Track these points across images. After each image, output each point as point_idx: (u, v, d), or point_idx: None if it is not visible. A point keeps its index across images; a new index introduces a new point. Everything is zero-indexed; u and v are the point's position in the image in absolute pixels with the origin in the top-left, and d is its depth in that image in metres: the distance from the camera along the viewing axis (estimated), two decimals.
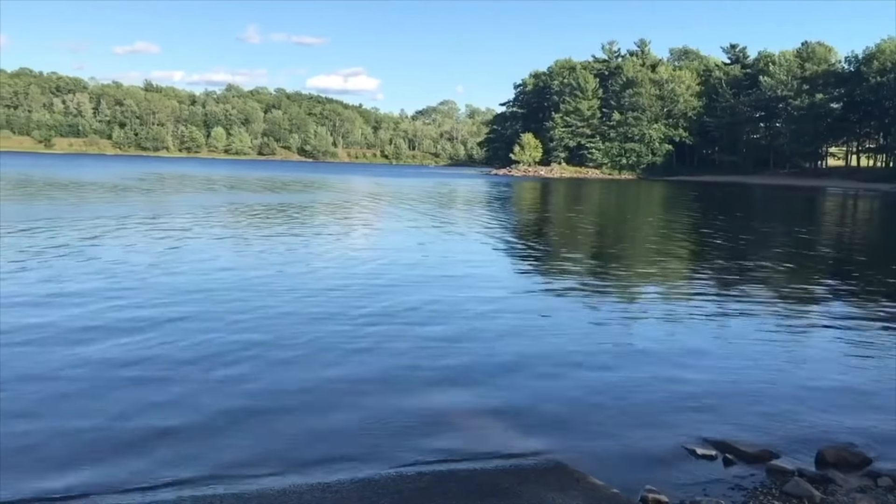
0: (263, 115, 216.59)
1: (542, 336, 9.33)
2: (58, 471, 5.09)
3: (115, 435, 5.72)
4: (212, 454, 5.43)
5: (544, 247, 20.82)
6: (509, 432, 6.04)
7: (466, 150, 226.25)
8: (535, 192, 62.73)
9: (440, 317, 10.21)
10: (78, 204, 29.73)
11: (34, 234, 18.09)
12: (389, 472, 5.21)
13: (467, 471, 5.28)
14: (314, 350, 8.25)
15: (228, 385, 6.97)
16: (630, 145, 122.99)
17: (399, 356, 8.13)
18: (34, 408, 6.22)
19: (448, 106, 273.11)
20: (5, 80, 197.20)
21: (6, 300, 10.20)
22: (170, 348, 8.09)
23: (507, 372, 7.70)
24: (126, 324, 9.13)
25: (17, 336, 8.34)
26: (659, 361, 8.31)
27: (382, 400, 6.68)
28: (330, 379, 7.23)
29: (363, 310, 10.41)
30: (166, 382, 6.97)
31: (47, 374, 7.08)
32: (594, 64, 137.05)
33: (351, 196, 43.79)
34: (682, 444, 5.85)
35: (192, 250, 16.25)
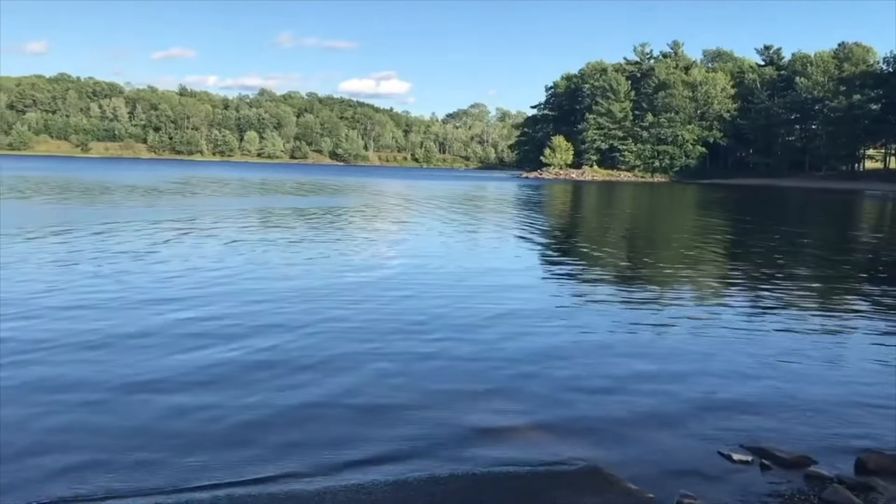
0: (296, 119, 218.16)
1: (573, 341, 9.28)
2: (95, 471, 5.17)
3: (153, 436, 5.80)
4: (247, 455, 5.48)
5: (576, 251, 20.72)
6: (543, 437, 6.01)
7: (497, 153, 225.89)
8: (567, 195, 62.44)
9: (471, 322, 10.20)
10: (133, 207, 30.27)
11: (110, 236, 18.45)
12: (423, 474, 5.22)
13: (501, 474, 5.26)
14: (348, 354, 8.28)
15: (261, 388, 7.02)
16: (663, 147, 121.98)
17: (428, 361, 8.13)
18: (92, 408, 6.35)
19: (479, 109, 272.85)
20: (44, 85, 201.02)
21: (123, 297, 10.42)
22: (213, 351, 8.18)
23: (539, 378, 7.66)
24: (176, 328, 9.27)
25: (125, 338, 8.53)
26: (693, 366, 8.23)
27: (416, 404, 6.68)
28: (364, 383, 7.25)
29: (399, 316, 10.45)
30: (202, 385, 7.06)
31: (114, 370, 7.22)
32: (626, 66, 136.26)
33: (384, 200, 43.93)
34: (718, 450, 5.78)
35: (257, 256, 16.47)
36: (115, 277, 12.65)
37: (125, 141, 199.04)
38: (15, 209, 27.89)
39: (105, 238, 18.39)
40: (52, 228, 20.13)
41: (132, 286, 11.87)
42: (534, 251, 19.71)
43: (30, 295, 10.90)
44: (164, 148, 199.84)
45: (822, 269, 17.76)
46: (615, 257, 18.89)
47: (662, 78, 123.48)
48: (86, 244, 17.09)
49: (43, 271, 13.13)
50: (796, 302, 12.51)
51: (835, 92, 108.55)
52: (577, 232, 27.41)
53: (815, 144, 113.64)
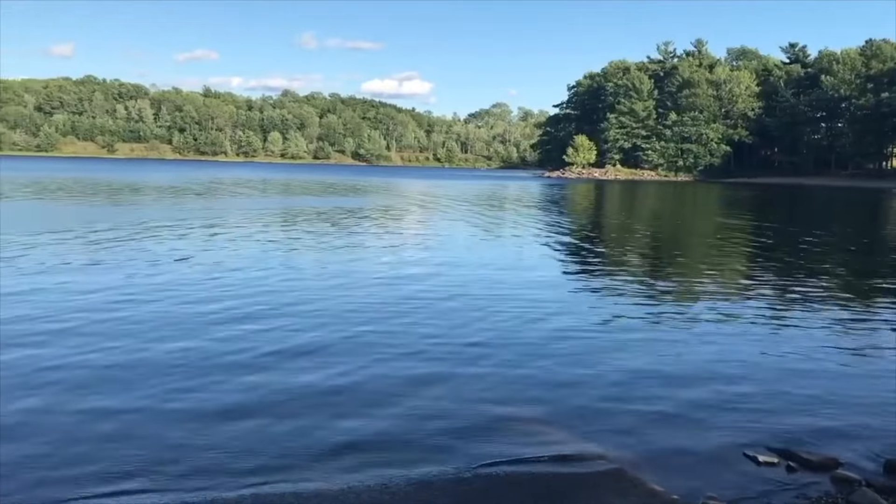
0: (319, 119, 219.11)
1: (598, 342, 9.25)
2: (123, 466, 5.25)
3: (180, 433, 5.87)
4: (272, 453, 5.52)
5: (600, 251, 20.62)
6: (566, 437, 6.00)
7: (519, 152, 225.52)
8: (590, 194, 62.17)
9: (494, 322, 10.20)
10: (166, 208, 30.61)
11: (151, 237, 18.70)
12: (447, 473, 5.23)
13: (524, 474, 5.27)
14: (373, 353, 8.32)
15: (287, 386, 7.08)
16: (687, 146, 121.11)
17: (452, 359, 8.15)
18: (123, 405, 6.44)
19: (501, 108, 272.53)
20: (71, 87, 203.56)
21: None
22: (241, 352, 8.26)
23: (564, 377, 7.66)
24: (218, 329, 9.38)
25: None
26: (718, 366, 8.18)
27: (440, 403, 6.71)
28: (389, 383, 7.28)
29: (423, 315, 10.49)
30: (230, 383, 7.13)
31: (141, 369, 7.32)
32: (649, 65, 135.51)
33: (409, 200, 43.98)
34: (744, 451, 5.74)
35: (287, 256, 16.59)
36: (163, 279, 12.82)
37: (150, 142, 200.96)
38: (52, 211, 28.30)
39: (149, 239, 18.64)
40: (96, 229, 20.40)
41: (177, 290, 11.98)
42: (557, 252, 19.65)
43: (70, 297, 11.07)
44: (188, 149, 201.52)
45: (848, 269, 17.56)
46: (639, 256, 18.80)
47: (686, 76, 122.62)
48: (134, 245, 17.31)
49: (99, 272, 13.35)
50: (823, 302, 12.38)
51: (862, 90, 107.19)
52: (601, 231, 27.28)
53: (841, 143, 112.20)
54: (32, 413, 6.22)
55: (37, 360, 7.67)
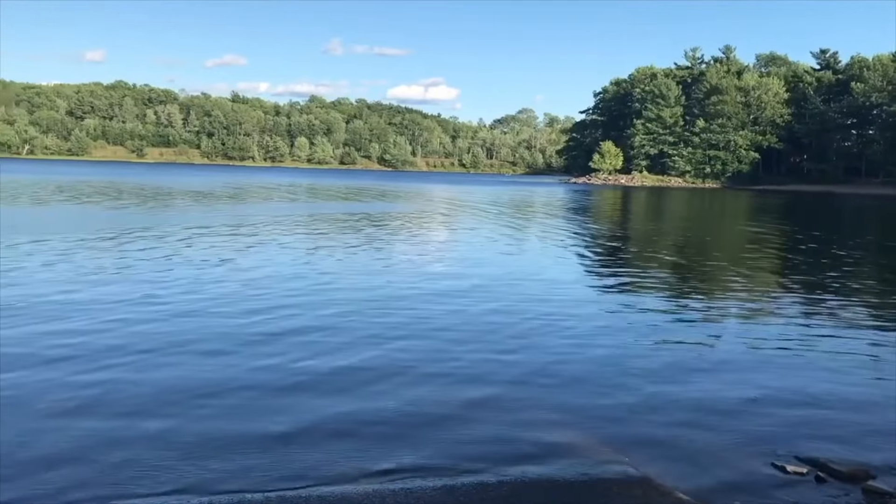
0: (345, 125, 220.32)
1: (623, 349, 9.22)
2: (160, 470, 5.31)
3: (211, 438, 5.93)
4: (298, 458, 5.55)
5: (627, 258, 20.52)
6: (592, 443, 5.98)
7: (545, 158, 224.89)
8: (617, 201, 61.85)
9: (520, 329, 10.21)
10: (201, 212, 30.94)
11: (190, 240, 18.94)
12: (471, 479, 5.22)
13: (550, 481, 5.24)
14: (398, 361, 8.34)
15: (311, 392, 7.13)
16: (714, 153, 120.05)
17: (477, 366, 8.16)
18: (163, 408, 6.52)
19: (527, 114, 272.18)
20: (102, 91, 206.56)
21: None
22: (274, 360, 8.31)
23: (587, 385, 7.64)
24: (250, 331, 9.46)
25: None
26: (746, 375, 8.10)
27: (464, 409, 6.71)
28: (414, 390, 7.29)
29: (452, 322, 10.53)
30: (267, 388, 7.20)
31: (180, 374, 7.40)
32: (676, 71, 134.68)
33: (437, 206, 44.05)
34: (772, 461, 5.67)
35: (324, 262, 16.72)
36: (204, 283, 13.02)
37: (179, 146, 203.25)
38: (91, 214, 28.73)
39: (186, 243, 18.92)
40: (137, 231, 20.69)
41: (208, 292, 12.16)
42: (585, 260, 19.60)
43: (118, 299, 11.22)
44: (216, 153, 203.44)
45: (879, 279, 17.32)
46: (666, 265, 18.67)
47: (714, 83, 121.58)
48: (168, 250, 17.57)
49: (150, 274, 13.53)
50: (853, 312, 12.22)
51: (894, 96, 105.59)
52: (628, 239, 27.14)
53: (872, 150, 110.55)
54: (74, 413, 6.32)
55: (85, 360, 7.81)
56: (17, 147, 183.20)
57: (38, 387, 6.94)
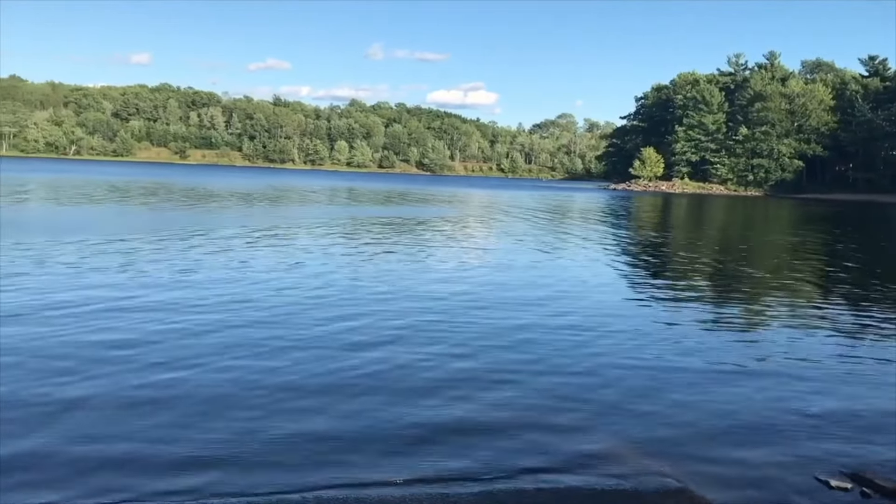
0: (384, 129, 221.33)
1: (663, 359, 9.14)
2: (186, 470, 5.43)
3: (249, 439, 6.03)
4: (337, 459, 5.62)
5: (669, 267, 20.35)
6: (629, 453, 5.95)
7: (584, 163, 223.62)
8: (659, 208, 61.26)
9: (560, 337, 10.19)
10: (248, 214, 31.50)
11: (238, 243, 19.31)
12: (508, 486, 5.22)
13: (587, 489, 5.22)
14: (442, 366, 8.39)
15: (355, 394, 7.20)
16: (757, 161, 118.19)
17: (516, 373, 8.17)
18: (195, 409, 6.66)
19: (566, 119, 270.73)
20: (147, 94, 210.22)
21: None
22: (313, 363, 8.42)
23: (625, 394, 7.60)
24: (260, 335, 9.60)
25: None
26: (788, 386, 8.00)
27: (502, 417, 6.71)
28: (454, 395, 7.31)
29: (489, 328, 10.55)
30: (307, 389, 7.30)
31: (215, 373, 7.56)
32: (719, 77, 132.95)
33: (475, 210, 44.07)
34: (815, 475, 5.59)
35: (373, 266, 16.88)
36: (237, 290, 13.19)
37: (221, 149, 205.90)
38: (153, 215, 29.30)
39: (252, 245, 19.29)
40: (194, 232, 21.09)
41: (253, 290, 12.35)
42: (625, 269, 19.46)
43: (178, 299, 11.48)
44: (257, 156, 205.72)
45: None
46: (708, 274, 18.47)
47: (758, 90, 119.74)
48: (234, 252, 17.90)
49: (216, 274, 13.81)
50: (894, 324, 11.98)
51: None
52: (670, 246, 26.87)
53: None
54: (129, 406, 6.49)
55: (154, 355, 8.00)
56: (65, 148, 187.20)
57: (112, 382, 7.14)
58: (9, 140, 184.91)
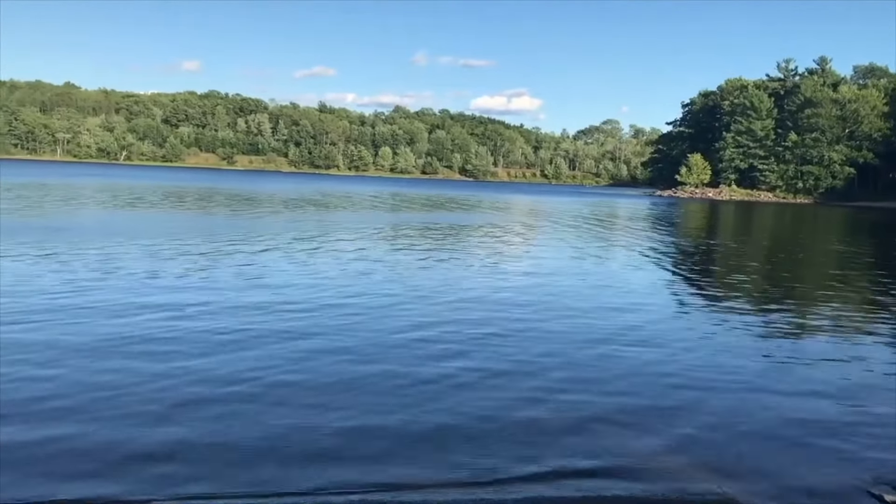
0: (428, 135, 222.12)
1: (709, 365, 9.04)
2: (240, 466, 5.53)
3: (308, 438, 6.12)
4: (385, 464, 5.66)
5: (717, 277, 20.12)
6: (676, 464, 5.90)
7: (630, 170, 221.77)
8: (707, 214, 60.49)
9: (605, 344, 10.16)
10: (308, 220, 31.97)
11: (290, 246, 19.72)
12: (552, 493, 5.21)
13: (631, 498, 5.19)
14: (500, 372, 8.40)
15: (407, 400, 7.25)
16: (807, 168, 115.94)
17: (561, 382, 8.16)
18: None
19: (611, 125, 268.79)
20: (196, 100, 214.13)
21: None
22: (362, 364, 8.51)
23: (671, 399, 7.55)
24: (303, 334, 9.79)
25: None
26: (840, 397, 7.86)
27: (548, 427, 6.69)
28: (505, 405, 7.30)
29: (535, 336, 10.54)
30: (362, 390, 7.42)
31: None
32: (768, 83, 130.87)
33: (520, 217, 44.01)
34: (868, 488, 5.49)
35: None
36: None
37: (267, 155, 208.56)
38: (207, 219, 29.91)
39: (315, 249, 19.60)
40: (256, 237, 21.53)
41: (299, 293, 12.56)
42: (672, 276, 19.29)
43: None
44: (303, 162, 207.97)
45: None
46: (756, 282, 18.20)
47: (808, 95, 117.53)
48: (299, 257, 18.24)
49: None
50: None
51: None
52: (725, 254, 26.55)
53: None
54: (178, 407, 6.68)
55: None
56: (116, 153, 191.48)
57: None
58: (63, 145, 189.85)
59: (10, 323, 9.52)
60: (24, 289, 11.95)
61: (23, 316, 9.97)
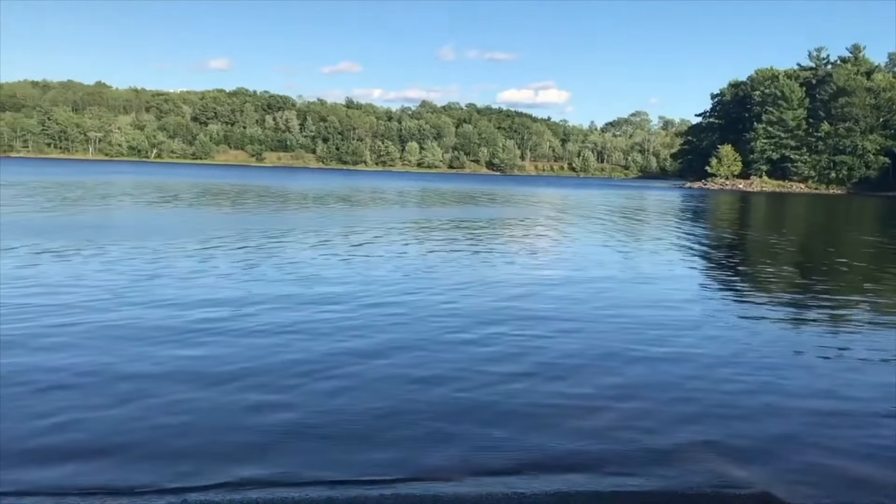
0: (455, 129, 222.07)
1: (746, 358, 8.93)
2: (253, 460, 5.54)
3: (351, 428, 6.16)
4: (416, 455, 5.67)
5: (750, 271, 19.92)
6: (709, 456, 5.83)
7: (659, 162, 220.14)
8: (739, 207, 59.78)
9: (640, 340, 10.09)
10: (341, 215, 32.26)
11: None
12: (586, 489, 5.16)
13: (668, 494, 5.12)
14: (527, 363, 8.39)
15: (435, 392, 7.26)
16: (840, 158, 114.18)
17: (595, 376, 8.12)
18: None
19: (640, 117, 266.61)
20: (224, 98, 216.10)
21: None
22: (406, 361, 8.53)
23: (707, 392, 7.45)
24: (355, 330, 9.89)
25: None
26: (880, 392, 7.72)
27: (583, 419, 6.65)
28: (539, 395, 7.29)
29: (571, 329, 10.51)
30: (393, 382, 7.44)
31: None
32: (800, 72, 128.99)
33: (550, 211, 43.78)
34: None
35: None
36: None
37: (296, 151, 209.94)
38: (249, 217, 30.25)
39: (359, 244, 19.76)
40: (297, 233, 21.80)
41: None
42: (707, 266, 19.19)
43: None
44: (331, 158, 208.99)
45: None
46: (790, 274, 17.96)
47: (841, 84, 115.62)
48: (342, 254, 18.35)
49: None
50: None
51: None
52: (759, 246, 26.31)
53: None
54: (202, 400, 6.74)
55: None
56: (146, 151, 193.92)
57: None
58: (95, 144, 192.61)
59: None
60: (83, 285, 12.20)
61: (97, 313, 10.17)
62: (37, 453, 5.53)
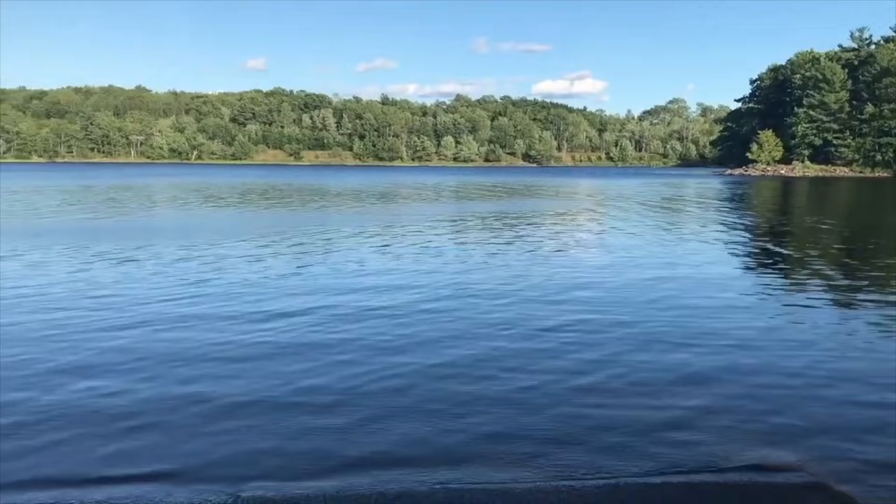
0: (490, 122, 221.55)
1: (797, 348, 8.78)
2: (272, 457, 5.60)
3: (375, 422, 6.19)
4: (464, 451, 5.67)
5: (797, 259, 19.70)
6: (761, 444, 5.74)
7: (698, 149, 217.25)
8: (782, 193, 58.73)
9: (687, 328, 10.02)
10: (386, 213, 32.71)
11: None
12: (635, 479, 5.14)
13: (715, 484, 5.07)
14: (572, 355, 8.38)
15: (480, 386, 7.27)
16: (886, 140, 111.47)
17: (645, 366, 8.07)
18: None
19: (678, 104, 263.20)
20: (262, 98, 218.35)
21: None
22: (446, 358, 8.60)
23: (757, 384, 7.35)
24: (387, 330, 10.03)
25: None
26: None
27: (629, 407, 6.63)
28: (580, 384, 7.28)
29: (616, 319, 10.51)
30: (434, 380, 7.43)
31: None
32: (841, 53, 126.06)
33: (590, 203, 43.58)
34: None
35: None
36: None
37: (333, 149, 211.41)
38: (301, 215, 30.66)
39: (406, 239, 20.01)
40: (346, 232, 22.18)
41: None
42: (753, 254, 19.00)
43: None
44: (367, 155, 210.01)
45: None
46: (837, 263, 17.75)
47: (885, 64, 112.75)
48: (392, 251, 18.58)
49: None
50: None
51: None
52: (808, 233, 25.94)
53: None
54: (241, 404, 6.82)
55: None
56: (187, 153, 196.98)
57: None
58: (136, 147, 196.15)
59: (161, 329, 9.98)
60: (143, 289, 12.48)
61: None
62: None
